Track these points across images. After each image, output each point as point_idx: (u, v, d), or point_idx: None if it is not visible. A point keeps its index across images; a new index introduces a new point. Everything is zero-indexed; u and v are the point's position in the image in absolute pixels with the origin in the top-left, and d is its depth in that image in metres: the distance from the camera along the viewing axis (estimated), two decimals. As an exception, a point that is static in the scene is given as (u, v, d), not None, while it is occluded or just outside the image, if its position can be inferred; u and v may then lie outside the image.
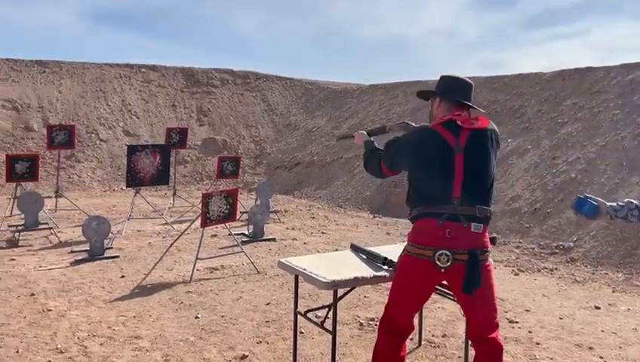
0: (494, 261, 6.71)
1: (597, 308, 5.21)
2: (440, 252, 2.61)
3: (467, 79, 2.89)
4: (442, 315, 4.81)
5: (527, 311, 5.04)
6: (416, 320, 4.16)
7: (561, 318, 4.87)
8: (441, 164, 2.67)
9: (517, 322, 4.71)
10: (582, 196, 2.80)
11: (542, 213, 8.09)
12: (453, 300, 3.22)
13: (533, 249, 7.43)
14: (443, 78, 2.91)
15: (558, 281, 6.19)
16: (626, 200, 2.77)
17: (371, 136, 3.32)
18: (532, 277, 6.34)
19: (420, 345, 4.15)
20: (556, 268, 6.66)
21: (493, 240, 2.80)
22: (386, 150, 2.96)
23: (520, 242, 7.74)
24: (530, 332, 4.50)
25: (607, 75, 10.07)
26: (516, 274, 6.43)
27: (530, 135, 10.08)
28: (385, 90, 15.20)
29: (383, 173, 3.05)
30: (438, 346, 4.16)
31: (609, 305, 5.33)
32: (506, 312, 4.95)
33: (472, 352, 2.92)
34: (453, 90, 2.83)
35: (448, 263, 2.61)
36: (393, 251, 3.34)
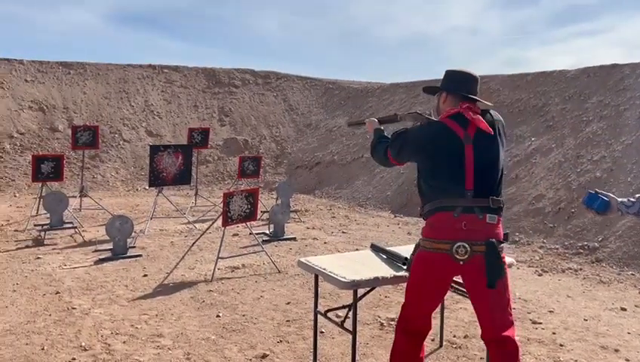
0: (517, 261, 6.64)
1: (623, 309, 5.10)
2: (458, 244, 2.60)
3: (472, 72, 2.87)
4: (464, 316, 4.76)
5: (550, 312, 4.97)
6: (437, 321, 4.14)
7: (585, 319, 4.79)
8: (451, 155, 2.67)
9: (540, 323, 4.64)
10: (592, 191, 2.75)
11: (566, 212, 7.97)
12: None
13: (557, 249, 7.32)
14: (448, 72, 2.90)
15: (582, 282, 6.09)
16: (637, 195, 2.71)
17: (382, 124, 3.33)
18: (556, 278, 6.24)
19: (441, 345, 4.12)
20: (581, 269, 6.55)
21: (506, 236, 2.77)
22: (394, 140, 2.96)
23: (544, 242, 7.62)
24: (554, 333, 4.43)
25: (633, 72, 9.87)
26: (540, 275, 6.34)
27: (554, 133, 9.93)
28: (406, 89, 15.12)
29: (389, 162, 3.04)
30: (460, 347, 4.13)
31: (635, 306, 5.22)
32: (530, 313, 4.89)
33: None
34: (458, 85, 2.83)
35: (466, 255, 2.60)
36: (414, 251, 3.32)
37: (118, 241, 6.67)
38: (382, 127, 3.26)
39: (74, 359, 3.79)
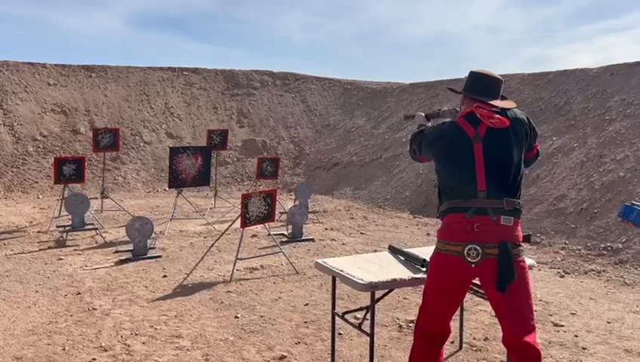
0: (539, 262, 6.55)
1: (648, 312, 5.00)
2: (469, 246, 2.55)
3: (493, 74, 2.83)
4: (484, 318, 4.71)
5: (573, 314, 4.88)
6: (457, 323, 4.10)
7: (609, 322, 4.70)
8: (461, 154, 2.65)
9: (562, 326, 4.57)
10: (628, 203, 2.67)
11: (589, 213, 7.84)
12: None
13: (579, 250, 7.20)
14: (470, 74, 2.89)
15: (606, 284, 5.98)
16: None
17: (429, 118, 3.33)
18: (578, 280, 6.14)
19: (460, 348, 4.07)
20: (604, 270, 6.44)
21: (528, 238, 2.71)
22: (415, 136, 3.04)
23: (566, 243, 7.51)
24: (576, 336, 4.36)
25: (657, 70, 9.68)
26: (562, 276, 6.25)
27: (575, 133, 9.78)
28: (425, 89, 15.03)
29: (416, 156, 3.08)
30: (480, 350, 4.08)
31: (661, 309, 5.11)
32: (551, 315, 4.81)
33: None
34: (475, 87, 2.81)
35: (478, 258, 2.55)
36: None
37: (138, 242, 6.74)
38: (427, 123, 3.26)
39: (94, 359, 3.83)
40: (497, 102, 2.76)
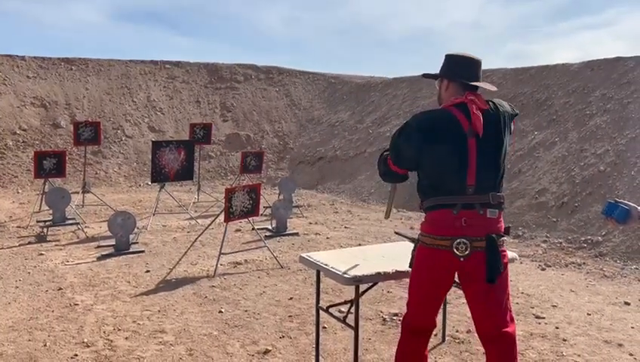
0: (521, 255, 6.61)
1: (627, 303, 5.08)
2: (458, 240, 2.54)
3: (474, 56, 2.71)
4: (467, 311, 4.69)
5: (554, 306, 4.95)
6: (440, 316, 4.13)
7: (589, 314, 4.77)
8: (454, 149, 2.55)
9: (543, 318, 4.63)
10: (612, 201, 2.69)
11: (569, 206, 7.94)
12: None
13: (560, 243, 7.29)
14: (449, 57, 2.74)
15: (586, 276, 6.07)
16: None
17: None
18: (559, 272, 6.22)
19: (444, 340, 4.11)
20: (584, 263, 6.53)
21: (507, 231, 2.71)
22: (390, 143, 2.77)
23: (547, 236, 7.60)
24: (557, 328, 4.42)
25: (637, 65, 9.81)
26: (543, 269, 6.32)
27: (557, 127, 9.89)
28: (409, 83, 15.06)
29: (389, 169, 2.84)
30: (463, 342, 4.11)
31: (639, 300, 5.20)
32: (533, 308, 4.87)
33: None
34: (460, 71, 2.67)
35: (467, 251, 2.54)
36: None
37: (120, 237, 6.68)
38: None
39: (76, 355, 3.79)
40: (481, 84, 2.69)
